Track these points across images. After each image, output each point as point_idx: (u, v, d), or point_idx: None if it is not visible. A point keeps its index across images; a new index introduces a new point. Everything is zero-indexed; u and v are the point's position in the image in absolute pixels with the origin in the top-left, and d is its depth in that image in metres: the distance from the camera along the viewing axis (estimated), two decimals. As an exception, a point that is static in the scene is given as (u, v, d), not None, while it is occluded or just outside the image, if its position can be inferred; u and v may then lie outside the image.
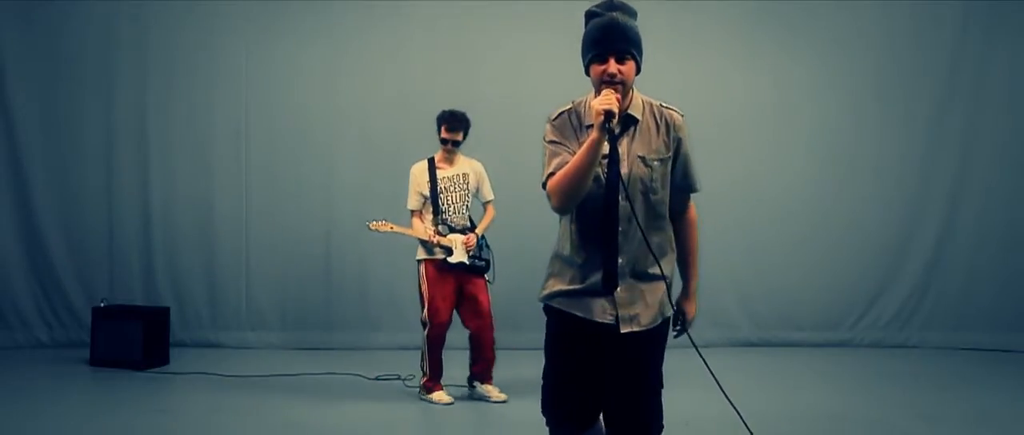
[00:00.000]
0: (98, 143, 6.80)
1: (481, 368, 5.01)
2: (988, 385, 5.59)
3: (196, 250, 6.83)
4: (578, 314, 2.46)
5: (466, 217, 5.02)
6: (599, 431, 2.56)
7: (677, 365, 6.32)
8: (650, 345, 2.50)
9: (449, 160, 5.00)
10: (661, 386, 2.54)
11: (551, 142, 2.46)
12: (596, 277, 2.43)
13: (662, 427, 2.53)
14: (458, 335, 5.12)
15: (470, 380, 5.08)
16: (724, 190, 6.89)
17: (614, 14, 2.38)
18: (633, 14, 2.43)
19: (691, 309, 2.67)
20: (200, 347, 6.65)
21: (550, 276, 2.55)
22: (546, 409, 2.56)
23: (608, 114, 2.24)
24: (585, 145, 2.29)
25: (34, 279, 6.77)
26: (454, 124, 4.91)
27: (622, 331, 2.43)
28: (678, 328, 2.68)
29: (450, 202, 4.95)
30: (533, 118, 6.62)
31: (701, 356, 2.60)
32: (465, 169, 5.03)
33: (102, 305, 6.19)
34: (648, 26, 7.02)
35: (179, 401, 5.07)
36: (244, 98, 6.84)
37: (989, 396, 5.26)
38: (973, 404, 5.02)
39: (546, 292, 2.54)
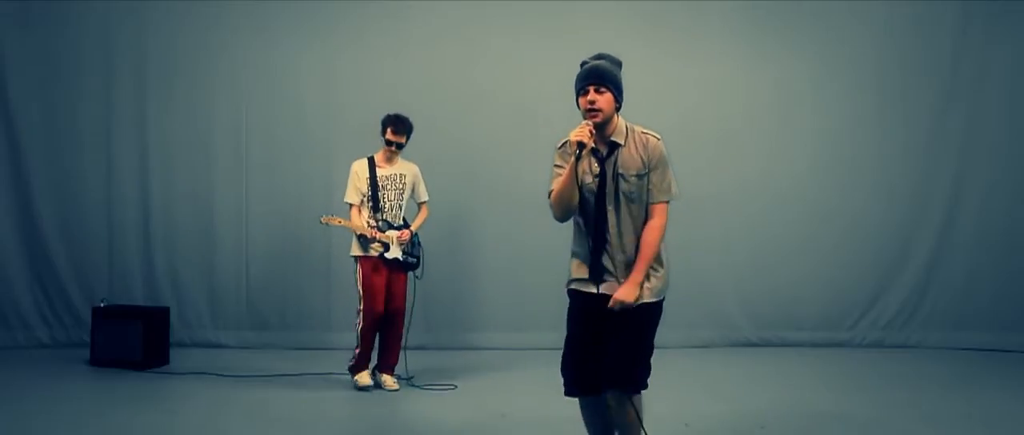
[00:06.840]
0: (98, 143, 6.80)
1: (385, 362, 5.37)
2: (988, 385, 5.59)
3: (196, 250, 6.83)
4: (586, 292, 3.11)
5: (401, 216, 5.37)
6: (602, 404, 3.10)
7: (677, 366, 6.27)
8: (641, 315, 3.05)
9: (389, 160, 5.35)
10: (650, 351, 3.12)
11: (556, 166, 3.14)
12: (597, 266, 3.09)
13: (643, 379, 3.10)
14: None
15: (373, 369, 5.41)
16: (725, 190, 6.89)
17: (599, 62, 3.06)
18: (617, 63, 3.10)
19: (622, 293, 3.01)
20: (200, 347, 6.65)
21: (571, 267, 3.21)
22: (563, 370, 3.20)
23: (580, 145, 2.92)
24: (567, 169, 2.99)
25: (34, 279, 6.77)
26: (399, 127, 5.27)
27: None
28: (613, 307, 3.02)
29: (388, 200, 5.29)
30: (532, 117, 6.69)
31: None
32: (403, 170, 5.39)
33: (102, 305, 6.19)
34: (650, 26, 6.99)
35: (179, 401, 5.07)
36: (244, 98, 6.84)
37: (989, 396, 5.26)
38: (973, 404, 5.01)
39: (569, 280, 3.22)
